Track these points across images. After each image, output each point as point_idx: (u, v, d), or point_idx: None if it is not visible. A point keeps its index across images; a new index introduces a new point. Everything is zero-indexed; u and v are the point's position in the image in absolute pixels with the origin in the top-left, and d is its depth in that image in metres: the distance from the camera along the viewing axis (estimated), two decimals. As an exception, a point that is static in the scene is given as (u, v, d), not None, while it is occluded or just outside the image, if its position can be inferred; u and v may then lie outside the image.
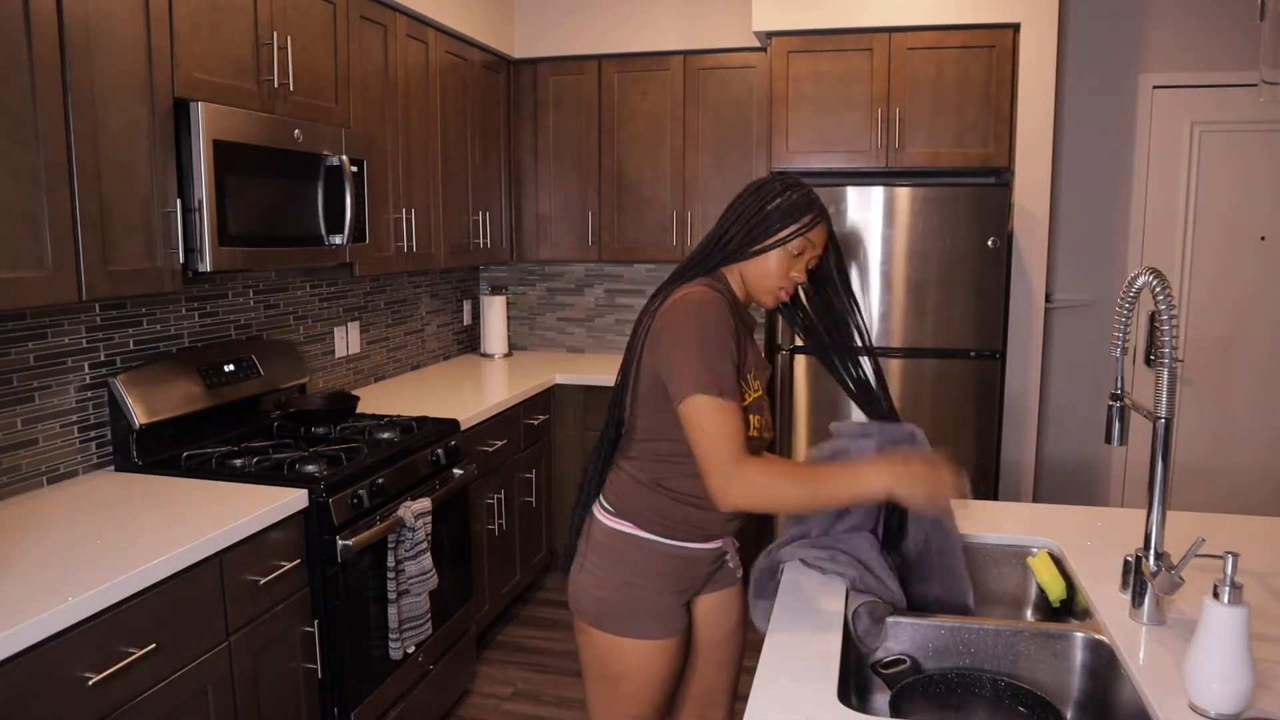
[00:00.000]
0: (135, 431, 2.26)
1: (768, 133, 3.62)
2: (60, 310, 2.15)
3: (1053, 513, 1.96)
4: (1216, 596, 1.13)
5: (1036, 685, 1.41)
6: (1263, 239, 3.74)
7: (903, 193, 3.30)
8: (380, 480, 2.33)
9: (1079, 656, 1.42)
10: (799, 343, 3.43)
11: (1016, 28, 3.37)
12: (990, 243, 3.26)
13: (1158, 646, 1.33)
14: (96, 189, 1.86)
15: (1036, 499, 3.85)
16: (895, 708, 1.35)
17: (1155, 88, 3.75)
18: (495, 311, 4.24)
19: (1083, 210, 3.89)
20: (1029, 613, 1.76)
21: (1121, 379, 1.51)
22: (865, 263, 3.35)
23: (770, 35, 3.55)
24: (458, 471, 2.72)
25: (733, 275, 1.63)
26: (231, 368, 2.58)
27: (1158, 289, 1.34)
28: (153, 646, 1.65)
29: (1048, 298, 3.84)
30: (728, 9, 3.75)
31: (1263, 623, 1.40)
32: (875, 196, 3.31)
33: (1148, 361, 3.87)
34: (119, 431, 2.27)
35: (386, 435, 2.57)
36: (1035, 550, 1.74)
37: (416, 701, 2.54)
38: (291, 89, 2.46)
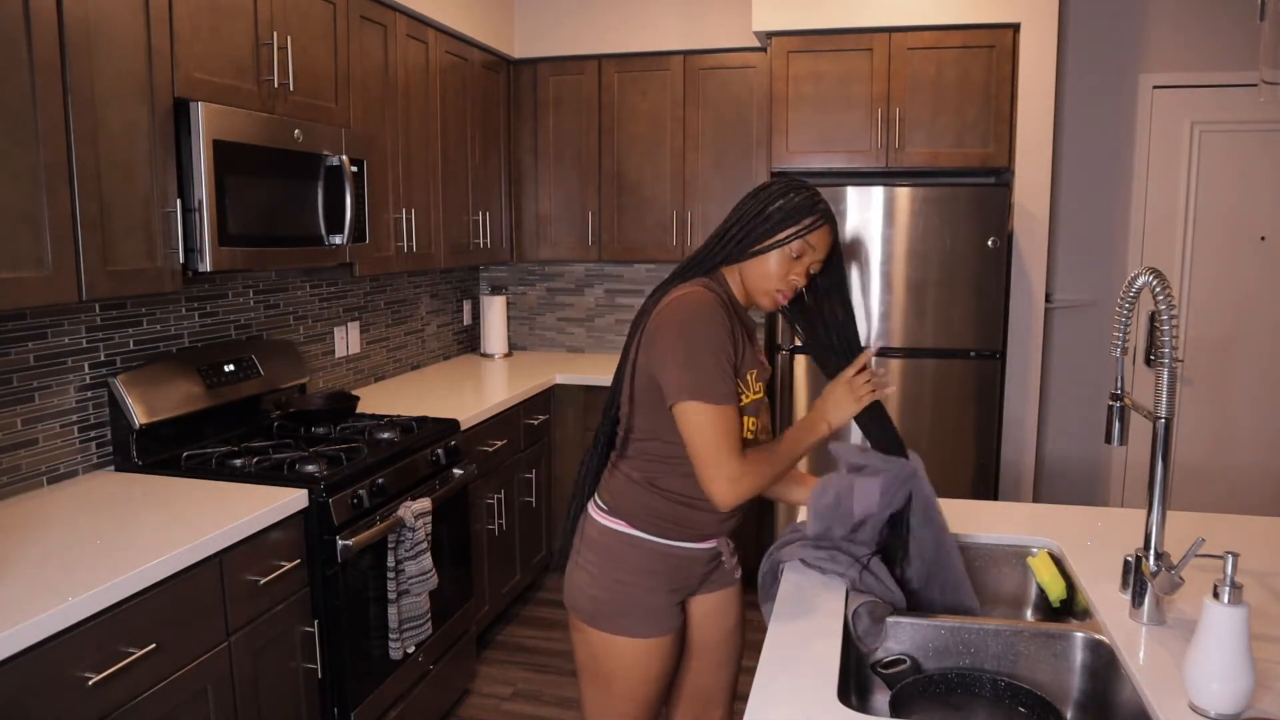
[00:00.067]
0: (135, 431, 2.26)
1: (768, 133, 3.62)
2: (60, 310, 2.15)
3: (1053, 513, 1.96)
4: (1216, 596, 1.13)
5: (1036, 685, 1.41)
6: (1263, 239, 3.74)
7: (903, 193, 3.30)
8: (380, 480, 2.33)
9: (1079, 656, 1.42)
10: (799, 343, 3.43)
11: (1016, 28, 3.37)
12: (990, 243, 3.26)
13: (1158, 646, 1.33)
14: (96, 189, 1.86)
15: (1036, 499, 3.85)
16: (895, 708, 1.35)
17: (1155, 88, 3.75)
18: (495, 311, 4.24)
19: (1083, 210, 3.89)
20: (1029, 613, 1.76)
21: (1121, 379, 1.51)
22: (865, 263, 3.35)
23: (770, 35, 3.55)
24: (458, 471, 2.72)
25: (732, 276, 1.63)
26: (231, 368, 2.58)
27: (1158, 289, 1.34)
28: (153, 646, 1.65)
29: (1048, 298, 3.84)
30: (728, 9, 3.75)
31: (1263, 623, 1.40)
32: (875, 196, 3.31)
33: (1148, 361, 3.87)
34: (119, 431, 2.27)
35: (386, 435, 2.57)
36: (1035, 550, 1.74)
37: (416, 701, 2.54)
38: (291, 89, 2.46)
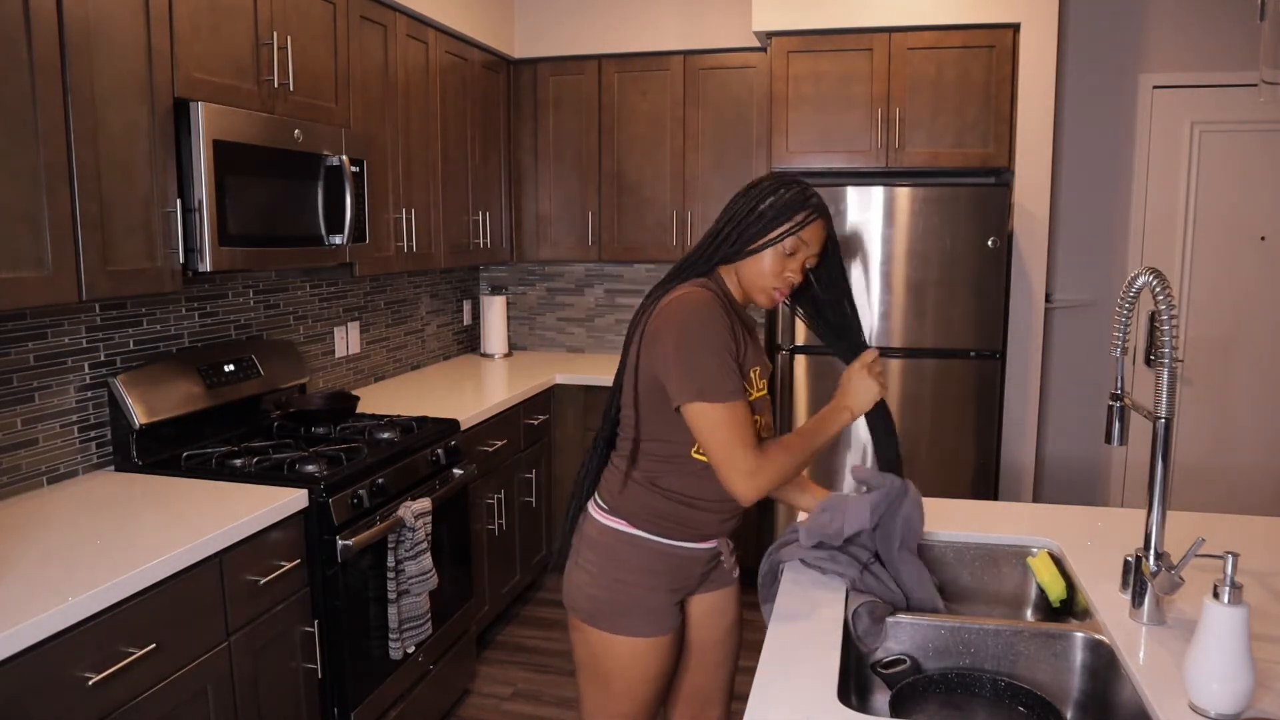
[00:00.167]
0: (135, 431, 2.26)
1: (768, 133, 3.62)
2: (60, 310, 2.15)
3: (1053, 513, 1.96)
4: (1216, 596, 1.13)
5: (1036, 685, 1.41)
6: (1263, 239, 3.74)
7: (903, 193, 3.30)
8: (380, 480, 2.33)
9: (1079, 656, 1.42)
10: (799, 342, 3.43)
11: (1016, 28, 3.37)
12: (990, 243, 3.26)
13: (1158, 646, 1.33)
14: (96, 189, 1.86)
15: (1036, 499, 3.85)
16: (895, 708, 1.35)
17: (1155, 88, 3.75)
18: (495, 311, 4.24)
19: (1083, 210, 3.89)
20: (1029, 613, 1.76)
21: (1121, 379, 1.51)
22: (865, 263, 3.35)
23: (770, 35, 3.55)
24: (458, 471, 2.72)
25: (729, 276, 1.63)
26: (231, 368, 2.58)
27: (1158, 289, 1.34)
28: (153, 646, 1.65)
29: (1048, 298, 3.84)
30: (728, 9, 3.75)
31: (1263, 623, 1.40)
32: (875, 196, 3.31)
33: (1148, 361, 3.87)
34: (119, 431, 2.27)
35: (386, 435, 2.57)
36: (1035, 550, 1.74)
37: (416, 701, 2.54)
38: (291, 89, 2.46)
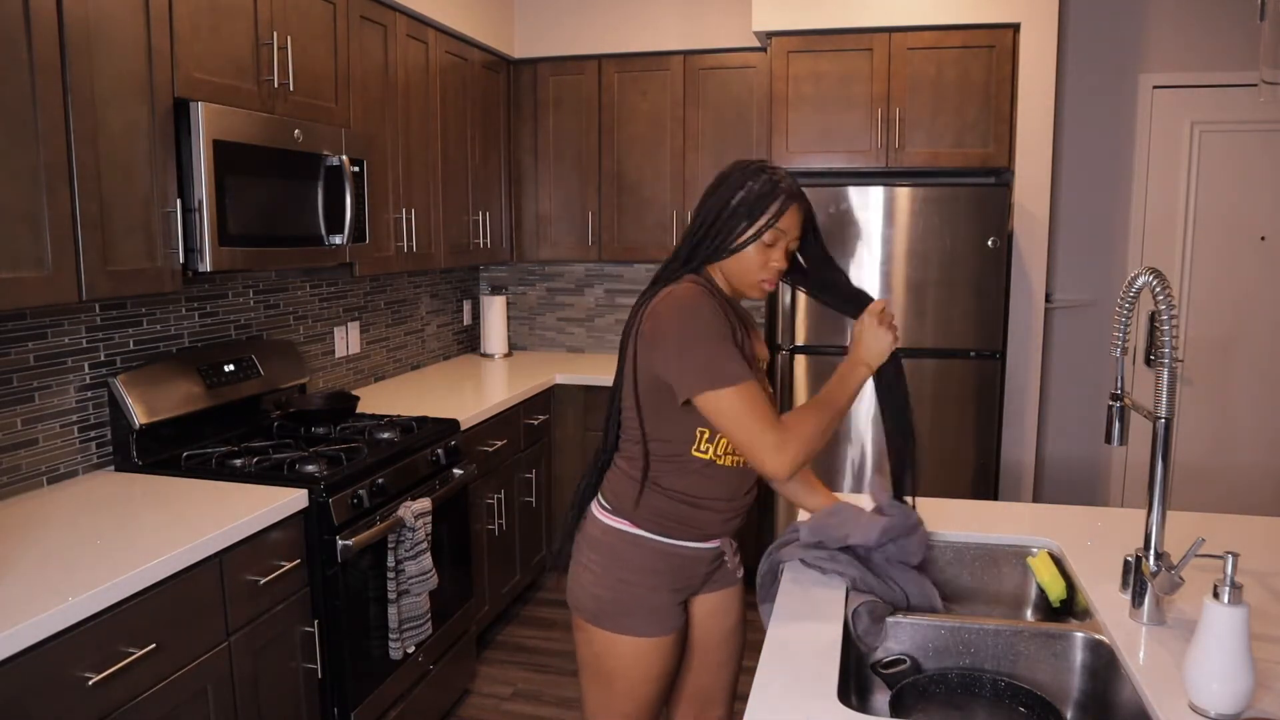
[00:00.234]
0: (135, 431, 2.26)
1: (768, 133, 3.62)
2: (60, 310, 2.15)
3: (1053, 513, 1.96)
4: (1216, 596, 1.13)
5: (1036, 685, 1.41)
6: (1263, 239, 3.74)
7: (903, 193, 3.30)
8: (380, 480, 2.33)
9: (1079, 656, 1.42)
10: (799, 342, 3.43)
11: (1016, 28, 3.37)
12: (990, 243, 3.26)
13: (1158, 646, 1.33)
14: (96, 189, 1.86)
15: (1036, 499, 3.85)
16: (895, 708, 1.35)
17: (1155, 88, 3.75)
18: (495, 311, 4.24)
19: (1083, 210, 3.89)
20: (1029, 613, 1.76)
21: (1121, 379, 1.51)
22: (865, 263, 3.35)
23: (770, 35, 3.55)
24: (458, 471, 2.72)
25: (716, 273, 1.63)
26: (231, 368, 2.58)
27: (1158, 289, 1.34)
28: (153, 646, 1.65)
29: (1048, 298, 3.84)
30: (728, 9, 3.75)
31: (1263, 623, 1.40)
32: (875, 196, 3.31)
33: (1148, 361, 3.87)
34: (119, 431, 2.27)
35: (386, 435, 2.57)
36: (1035, 550, 1.74)
37: (416, 701, 2.54)
38: (291, 89, 2.46)
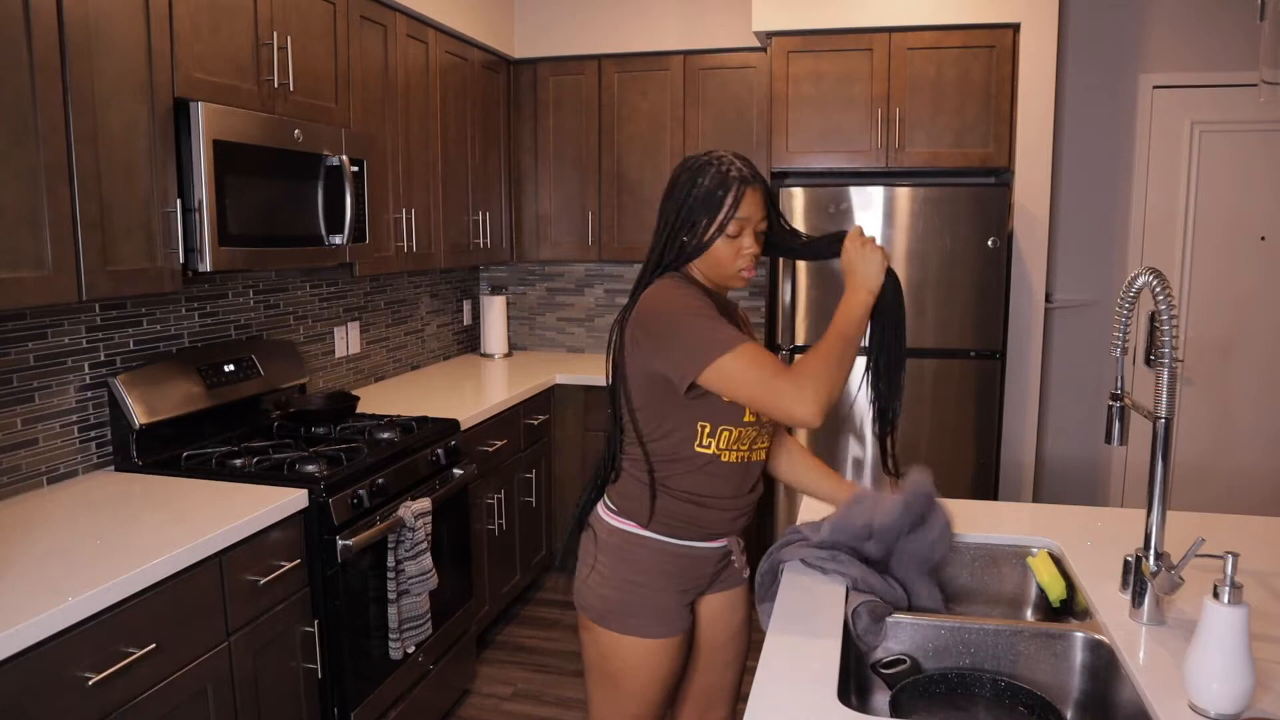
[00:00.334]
0: (135, 431, 2.26)
1: (768, 133, 3.62)
2: (60, 310, 2.15)
3: (1053, 513, 1.96)
4: (1216, 596, 1.13)
5: (1036, 685, 1.41)
6: (1263, 239, 3.74)
7: (903, 193, 3.30)
8: (380, 480, 2.33)
9: (1079, 656, 1.42)
10: (799, 342, 3.43)
11: (1016, 28, 3.37)
12: (990, 243, 3.26)
13: (1158, 646, 1.33)
14: (96, 189, 1.86)
15: (1036, 499, 3.85)
16: (895, 708, 1.35)
17: (1155, 88, 3.75)
18: (495, 311, 4.24)
19: (1083, 210, 3.89)
20: (1029, 613, 1.76)
21: (1121, 379, 1.51)
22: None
23: (770, 35, 3.55)
24: (458, 471, 2.72)
25: (694, 271, 1.63)
26: (231, 368, 2.58)
27: (1158, 289, 1.34)
28: (153, 646, 1.65)
29: (1048, 298, 3.84)
30: (728, 9, 3.75)
31: (1263, 623, 1.40)
32: (875, 196, 3.31)
33: (1148, 361, 3.87)
34: (119, 431, 2.27)
35: (386, 435, 2.57)
36: (1035, 550, 1.74)
37: (416, 701, 2.54)
38: (291, 89, 2.46)
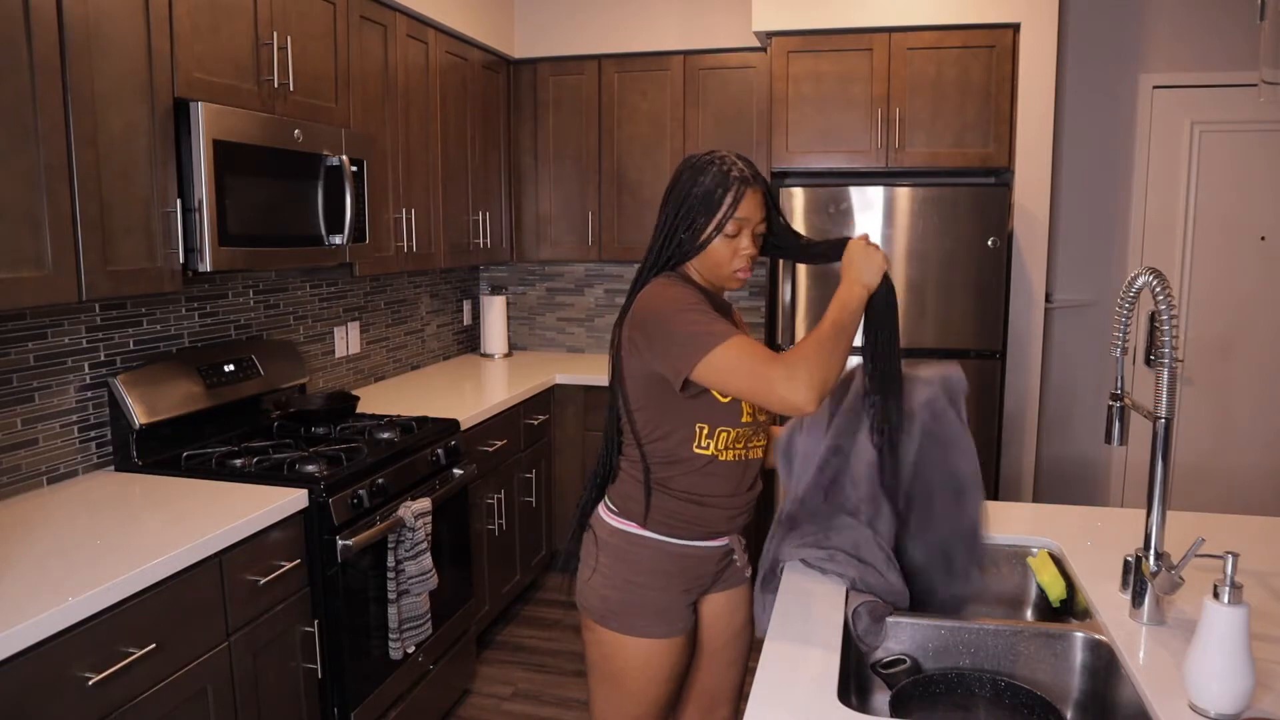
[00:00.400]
0: (135, 431, 2.25)
1: (768, 133, 3.62)
2: (60, 310, 2.15)
3: (1053, 513, 1.96)
4: (1216, 596, 1.13)
5: (1036, 685, 1.41)
6: (1263, 239, 3.74)
7: (903, 193, 3.30)
8: (380, 480, 2.33)
9: (1079, 656, 1.42)
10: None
11: (1016, 28, 3.37)
12: (990, 243, 3.26)
13: (1158, 646, 1.33)
14: (96, 189, 1.86)
15: (1036, 499, 3.85)
16: (895, 708, 1.35)
17: (1155, 88, 3.75)
18: (495, 311, 4.24)
19: (1083, 210, 3.89)
20: (1029, 613, 1.76)
21: (1121, 379, 1.51)
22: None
23: (770, 35, 3.55)
24: (458, 471, 2.72)
25: (691, 271, 1.64)
26: (231, 368, 2.58)
27: (1158, 289, 1.34)
28: (153, 646, 1.65)
29: (1048, 298, 3.84)
30: (728, 9, 3.75)
31: (1263, 623, 1.40)
32: (875, 196, 3.31)
33: (1148, 361, 3.87)
34: (119, 431, 2.27)
35: (386, 435, 2.57)
36: (1035, 550, 1.74)
37: (416, 701, 2.54)
38: (291, 89, 2.46)
